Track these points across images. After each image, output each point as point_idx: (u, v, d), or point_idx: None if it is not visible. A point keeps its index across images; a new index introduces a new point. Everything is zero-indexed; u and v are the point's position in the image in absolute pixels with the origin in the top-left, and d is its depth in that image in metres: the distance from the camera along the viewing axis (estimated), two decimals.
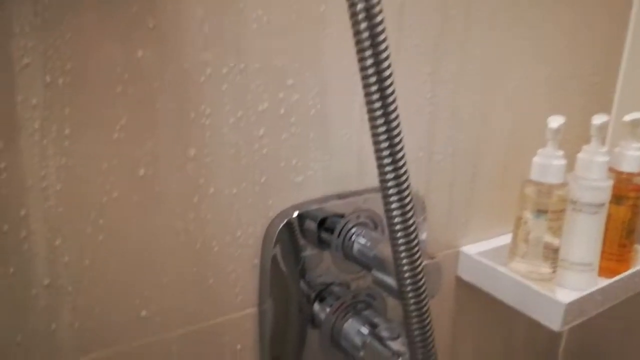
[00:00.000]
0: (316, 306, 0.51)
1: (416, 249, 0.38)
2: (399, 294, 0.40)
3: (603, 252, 0.63)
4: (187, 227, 0.42)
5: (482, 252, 0.62)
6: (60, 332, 0.38)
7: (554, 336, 0.84)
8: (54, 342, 0.38)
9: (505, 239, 0.64)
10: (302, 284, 0.49)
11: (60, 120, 0.35)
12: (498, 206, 0.65)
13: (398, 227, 0.37)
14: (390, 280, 0.45)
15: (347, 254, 0.50)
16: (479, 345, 0.72)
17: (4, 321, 0.36)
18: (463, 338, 0.69)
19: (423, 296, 0.40)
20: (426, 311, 0.40)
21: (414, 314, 0.40)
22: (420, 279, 0.39)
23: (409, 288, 0.39)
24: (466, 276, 0.63)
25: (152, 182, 0.39)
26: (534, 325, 0.78)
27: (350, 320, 0.51)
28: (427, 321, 0.41)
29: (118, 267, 0.40)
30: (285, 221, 0.46)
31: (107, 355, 0.41)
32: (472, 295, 0.66)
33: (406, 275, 0.39)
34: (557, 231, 0.59)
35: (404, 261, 0.38)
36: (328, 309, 0.51)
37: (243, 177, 0.44)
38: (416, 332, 0.41)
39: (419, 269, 0.39)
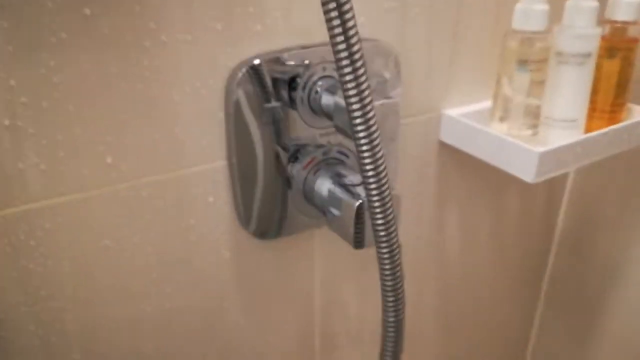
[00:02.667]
0: (289, 167, 0.52)
1: (364, 86, 0.38)
2: (353, 138, 0.40)
3: (593, 109, 0.61)
4: (142, 73, 0.43)
5: (465, 114, 0.61)
6: (28, 172, 0.41)
7: (550, 209, 0.84)
8: (23, 180, 0.41)
9: (489, 104, 0.62)
10: (269, 139, 0.50)
11: None
12: (481, 69, 0.63)
13: (345, 63, 0.37)
14: (347, 126, 0.45)
15: (314, 107, 0.50)
16: (466, 216, 0.73)
17: None
18: (449, 208, 0.70)
19: (375, 136, 0.40)
20: (378, 152, 0.40)
21: (366, 154, 0.40)
22: (370, 119, 0.39)
23: (359, 128, 0.39)
24: (449, 139, 0.62)
25: (100, 22, 0.39)
26: (527, 197, 0.78)
27: (320, 175, 0.52)
28: (380, 162, 0.41)
29: (77, 111, 0.41)
30: (245, 69, 0.46)
31: (79, 199, 0.44)
32: (456, 160, 0.66)
33: (355, 114, 0.39)
34: (539, 86, 0.57)
35: (352, 100, 0.38)
36: (299, 166, 0.52)
37: (197, 24, 0.44)
38: (370, 174, 0.41)
39: (368, 108, 0.39)
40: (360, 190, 0.47)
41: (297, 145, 0.52)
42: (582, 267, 0.85)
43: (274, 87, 0.48)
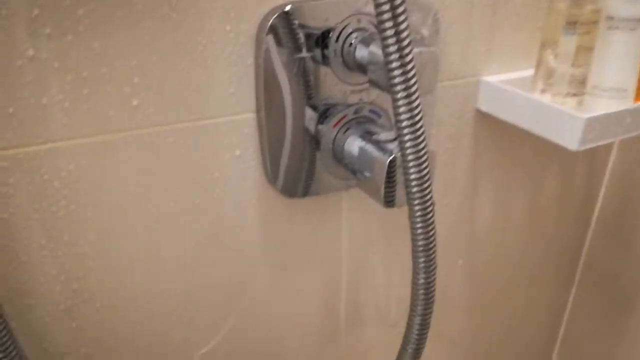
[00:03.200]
0: (318, 127, 0.50)
1: (404, 33, 0.36)
2: (389, 88, 0.38)
3: None
4: (170, 14, 0.41)
5: (504, 81, 0.58)
6: (52, 107, 0.40)
7: (590, 189, 0.80)
8: (46, 116, 0.40)
9: (530, 72, 0.59)
10: (298, 94, 0.48)
11: None
12: (524, 35, 0.60)
13: (385, 9, 0.35)
14: (382, 79, 0.43)
15: (347, 60, 0.48)
16: (500, 191, 0.70)
17: None
18: (482, 181, 0.67)
19: (413, 86, 0.38)
20: (415, 101, 0.38)
21: (402, 102, 0.38)
22: (409, 67, 0.37)
23: (396, 74, 0.37)
24: (487, 107, 0.60)
25: None
26: (566, 175, 0.74)
27: (351, 134, 0.50)
28: (416, 113, 0.39)
29: (102, 49, 0.40)
30: (276, 15, 0.44)
31: (104, 141, 0.43)
32: (492, 131, 0.63)
33: (393, 65, 0.37)
34: (586, 53, 0.54)
35: (391, 47, 0.36)
36: (328, 125, 0.50)
37: None
38: (405, 124, 0.39)
39: (407, 56, 0.37)
40: (392, 146, 0.45)
41: (327, 105, 0.51)
42: (620, 253, 0.81)
43: (305, 38, 0.46)
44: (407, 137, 0.39)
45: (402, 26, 0.35)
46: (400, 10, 0.35)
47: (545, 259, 0.81)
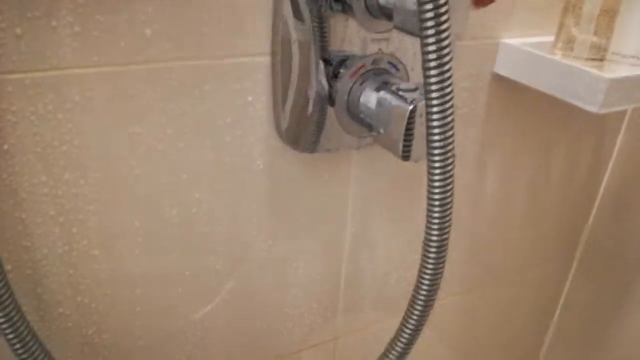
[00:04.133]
0: (333, 79, 0.49)
1: None
2: (419, 31, 0.36)
3: None
4: None
5: (524, 43, 0.57)
6: (61, 32, 0.37)
7: (596, 169, 0.79)
8: (55, 42, 0.37)
9: (550, 38, 0.58)
10: (313, 41, 0.46)
11: None
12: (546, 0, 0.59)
13: None
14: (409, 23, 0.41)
15: (370, 5, 0.46)
16: (507, 163, 0.69)
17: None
18: (491, 151, 0.66)
19: (444, 27, 0.36)
20: (447, 53, 0.37)
21: (432, 40, 0.36)
22: (443, 14, 0.35)
23: (428, 24, 0.35)
24: (505, 70, 0.58)
25: None
26: (575, 151, 0.73)
27: (367, 85, 0.48)
28: (446, 53, 0.37)
29: None
30: None
31: (113, 72, 0.40)
32: (507, 99, 0.62)
33: (426, 7, 0.35)
34: (609, 18, 0.53)
35: None
36: (344, 76, 0.48)
37: None
38: (433, 64, 0.37)
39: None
40: (413, 95, 0.43)
41: (345, 55, 0.49)
42: (622, 234, 0.80)
43: None
44: (433, 79, 0.37)
45: None
46: None
47: (546, 238, 0.81)
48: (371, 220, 0.61)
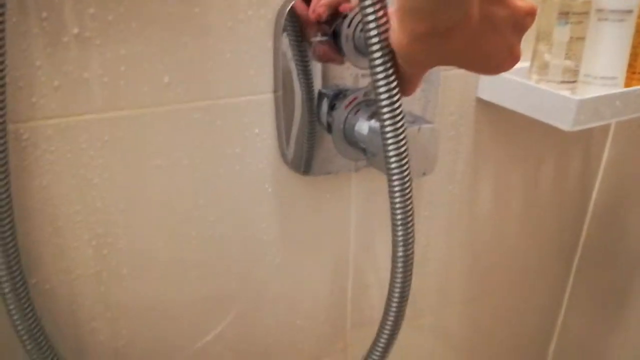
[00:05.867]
0: (329, 112, 0.54)
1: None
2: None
3: (633, 72, 0.62)
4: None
5: None
6: (92, 82, 0.44)
7: (585, 181, 0.84)
8: (87, 91, 0.44)
9: (526, 64, 0.63)
10: (311, 78, 0.52)
11: None
12: None
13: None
14: None
15: (358, 45, 0.52)
16: (499, 179, 0.74)
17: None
18: (482, 168, 0.71)
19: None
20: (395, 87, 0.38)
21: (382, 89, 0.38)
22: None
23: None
24: (486, 95, 0.64)
25: None
26: (563, 165, 0.78)
27: (361, 115, 0.54)
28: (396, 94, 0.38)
29: (139, 29, 0.44)
30: (293, 1, 0.48)
31: (137, 115, 0.47)
32: (492, 119, 0.67)
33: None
34: (579, 43, 0.58)
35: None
36: (340, 107, 0.54)
37: None
38: (384, 104, 0.38)
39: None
40: None
41: (339, 89, 0.55)
42: (616, 241, 0.85)
43: (319, 23, 0.50)
44: (385, 114, 0.38)
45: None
46: None
47: (543, 248, 0.85)
48: (373, 235, 0.66)
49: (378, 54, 0.36)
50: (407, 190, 0.44)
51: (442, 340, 0.83)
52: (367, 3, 0.34)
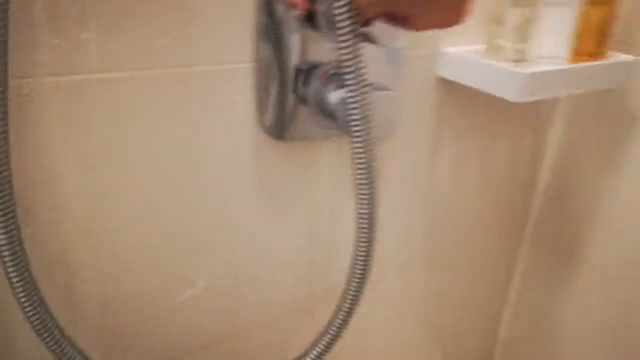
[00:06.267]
0: (303, 86, 0.60)
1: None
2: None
3: (577, 53, 0.69)
4: None
5: (462, 51, 0.69)
6: (89, 43, 0.48)
7: (536, 153, 0.91)
8: (84, 52, 0.48)
9: (482, 46, 0.70)
10: (290, 51, 0.58)
11: None
12: (478, 15, 0.71)
13: None
14: None
15: (331, 22, 0.57)
16: (458, 152, 0.80)
17: None
18: (443, 142, 0.78)
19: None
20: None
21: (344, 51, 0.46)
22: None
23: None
24: (447, 74, 0.70)
25: None
26: (515, 138, 0.85)
27: (331, 86, 0.60)
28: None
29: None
30: None
31: (128, 77, 0.51)
32: (451, 96, 0.74)
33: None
34: (529, 24, 0.65)
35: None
36: (315, 77, 0.59)
37: None
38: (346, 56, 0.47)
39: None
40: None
41: (314, 62, 0.60)
42: (565, 212, 0.92)
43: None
44: (350, 78, 0.45)
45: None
46: None
47: (497, 219, 0.92)
48: (343, 200, 0.72)
49: (344, 16, 0.42)
50: (370, 148, 0.50)
51: (400, 303, 0.89)
52: None
